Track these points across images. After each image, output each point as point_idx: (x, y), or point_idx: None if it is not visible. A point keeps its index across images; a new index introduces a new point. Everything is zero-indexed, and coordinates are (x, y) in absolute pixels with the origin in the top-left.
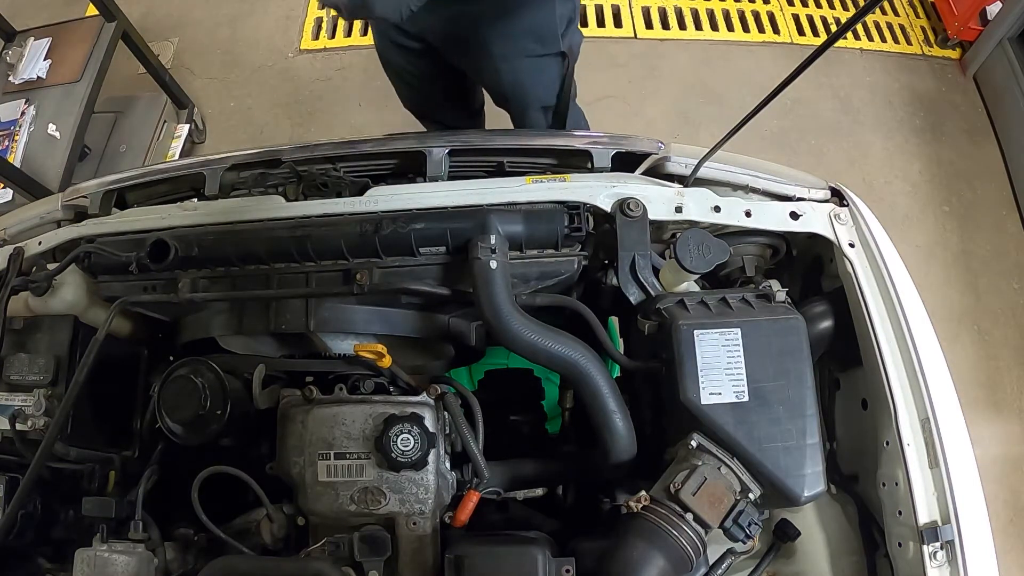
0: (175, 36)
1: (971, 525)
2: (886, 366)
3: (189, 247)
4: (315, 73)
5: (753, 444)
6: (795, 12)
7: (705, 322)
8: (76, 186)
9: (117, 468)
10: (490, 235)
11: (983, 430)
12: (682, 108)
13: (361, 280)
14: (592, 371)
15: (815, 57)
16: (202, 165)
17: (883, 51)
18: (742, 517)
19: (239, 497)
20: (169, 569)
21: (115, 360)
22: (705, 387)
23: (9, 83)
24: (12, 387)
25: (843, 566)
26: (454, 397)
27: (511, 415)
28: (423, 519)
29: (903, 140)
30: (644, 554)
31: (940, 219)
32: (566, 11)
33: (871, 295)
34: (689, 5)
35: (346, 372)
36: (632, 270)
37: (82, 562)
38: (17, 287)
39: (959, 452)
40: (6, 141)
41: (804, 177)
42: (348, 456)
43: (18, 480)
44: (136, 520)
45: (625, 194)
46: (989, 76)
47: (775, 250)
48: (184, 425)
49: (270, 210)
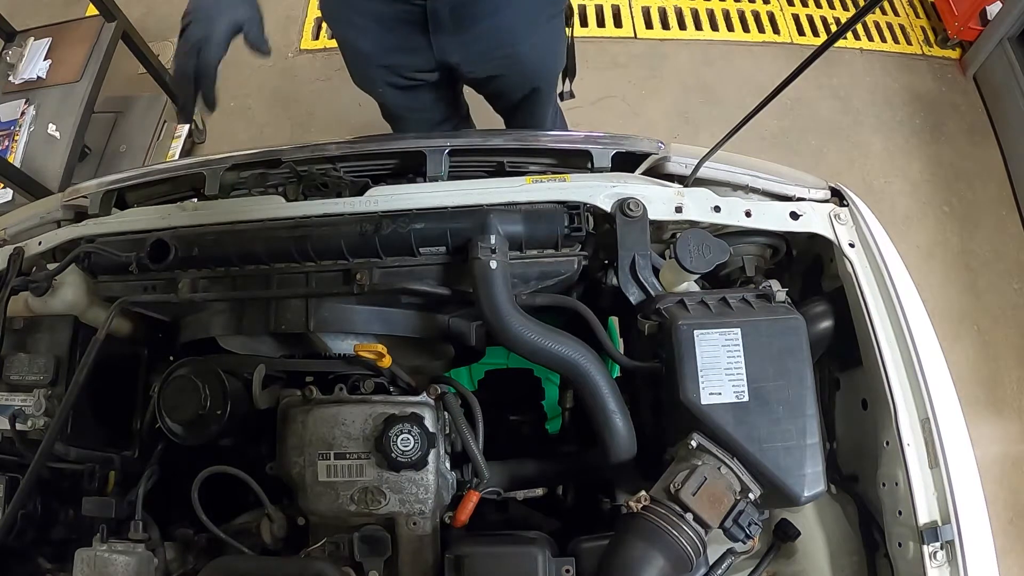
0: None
1: (971, 525)
2: (886, 366)
3: (189, 247)
4: (315, 73)
5: (753, 444)
6: (795, 12)
7: (705, 322)
8: (76, 186)
9: (117, 468)
10: (490, 235)
11: (983, 430)
12: (682, 108)
13: (361, 280)
14: (592, 371)
15: (815, 57)
16: (202, 165)
17: (883, 51)
18: (742, 517)
19: (239, 497)
20: (169, 569)
21: (115, 360)
22: (705, 387)
23: (9, 83)
24: (12, 387)
25: (843, 566)
26: (454, 397)
27: (511, 415)
28: (423, 519)
29: (903, 140)
30: (644, 554)
31: (940, 219)
32: None
33: (871, 295)
34: (689, 5)
35: (346, 372)
36: (632, 270)
37: (82, 562)
38: (17, 287)
39: (959, 452)
40: (6, 141)
41: (804, 177)
42: (348, 456)
43: (18, 480)
44: (136, 520)
45: (625, 194)
46: (989, 76)
47: (775, 250)
48: (184, 425)
49: (270, 210)
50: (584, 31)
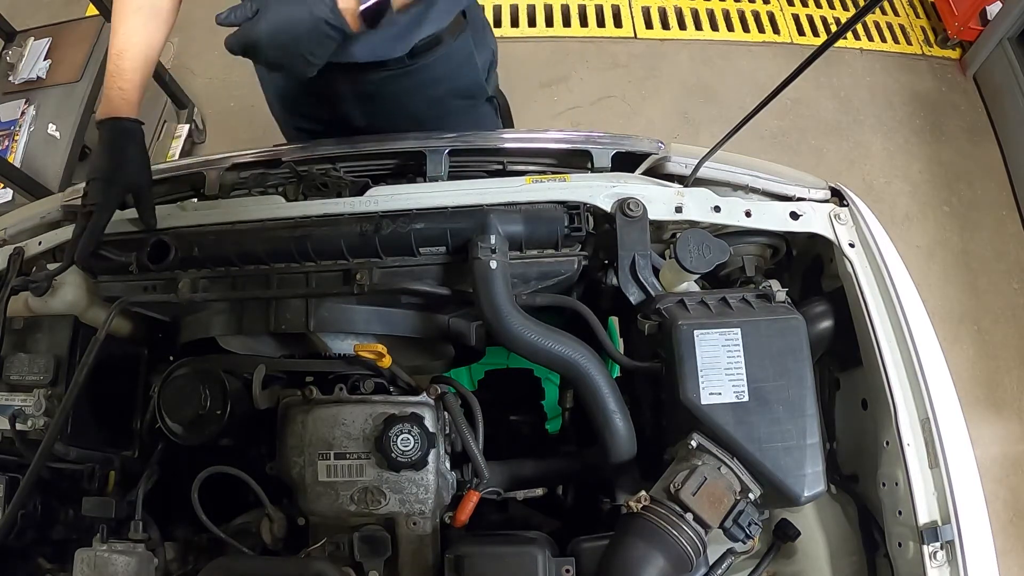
0: (175, 36)
1: (971, 525)
2: (886, 366)
3: (189, 247)
4: None
5: (753, 444)
6: (795, 12)
7: (705, 322)
8: (76, 186)
9: (117, 468)
10: (490, 235)
11: (983, 430)
12: (682, 108)
13: (361, 280)
14: (592, 371)
15: (815, 57)
16: (202, 165)
17: (883, 51)
18: (742, 517)
19: (239, 497)
20: (169, 569)
21: (115, 360)
22: (705, 387)
23: (9, 83)
24: (12, 387)
25: (843, 566)
26: (454, 397)
27: (511, 415)
28: (423, 519)
29: (903, 140)
30: (644, 554)
31: (940, 219)
32: (486, 57)
33: (871, 295)
34: (689, 5)
35: (346, 372)
36: (632, 270)
37: (82, 562)
38: (17, 287)
39: (959, 452)
40: (6, 141)
41: (804, 177)
42: (348, 456)
43: (18, 480)
44: (136, 520)
45: (625, 194)
46: (989, 76)
47: (775, 250)
48: (184, 425)
49: (270, 210)
50: (584, 31)
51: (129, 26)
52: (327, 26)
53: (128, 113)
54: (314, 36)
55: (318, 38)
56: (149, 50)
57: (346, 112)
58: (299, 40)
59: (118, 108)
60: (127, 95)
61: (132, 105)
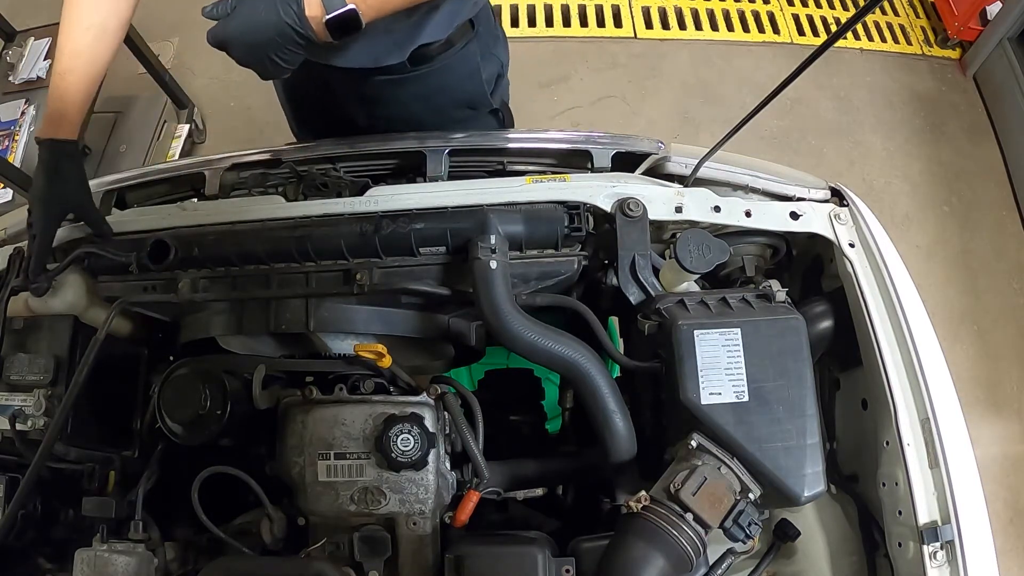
0: (175, 36)
1: (971, 525)
2: (886, 366)
3: (189, 247)
4: None
5: (753, 444)
6: (795, 12)
7: (705, 322)
8: None
9: (117, 468)
10: (490, 235)
11: (983, 430)
12: (682, 108)
13: (361, 280)
14: (592, 371)
15: (815, 57)
16: (202, 165)
17: (883, 51)
18: (742, 517)
19: (239, 497)
20: (169, 569)
21: (115, 360)
22: (705, 387)
23: (9, 83)
24: (12, 387)
25: (843, 566)
26: (454, 397)
27: (511, 415)
28: (423, 519)
29: (903, 140)
30: (644, 554)
31: (940, 219)
32: (493, 69)
33: (871, 295)
34: (689, 5)
35: (346, 372)
36: (632, 270)
37: (82, 562)
38: (17, 287)
39: (959, 452)
40: (6, 141)
41: (804, 177)
42: (348, 456)
43: (18, 480)
44: (136, 520)
45: (625, 194)
46: (989, 76)
47: (775, 250)
48: (184, 425)
49: (270, 210)
50: (584, 31)
51: (76, 45)
52: (292, 31)
53: (67, 135)
54: (279, 40)
55: (283, 42)
56: (94, 69)
57: (350, 113)
58: (266, 43)
59: (58, 129)
60: (68, 116)
61: (73, 126)
